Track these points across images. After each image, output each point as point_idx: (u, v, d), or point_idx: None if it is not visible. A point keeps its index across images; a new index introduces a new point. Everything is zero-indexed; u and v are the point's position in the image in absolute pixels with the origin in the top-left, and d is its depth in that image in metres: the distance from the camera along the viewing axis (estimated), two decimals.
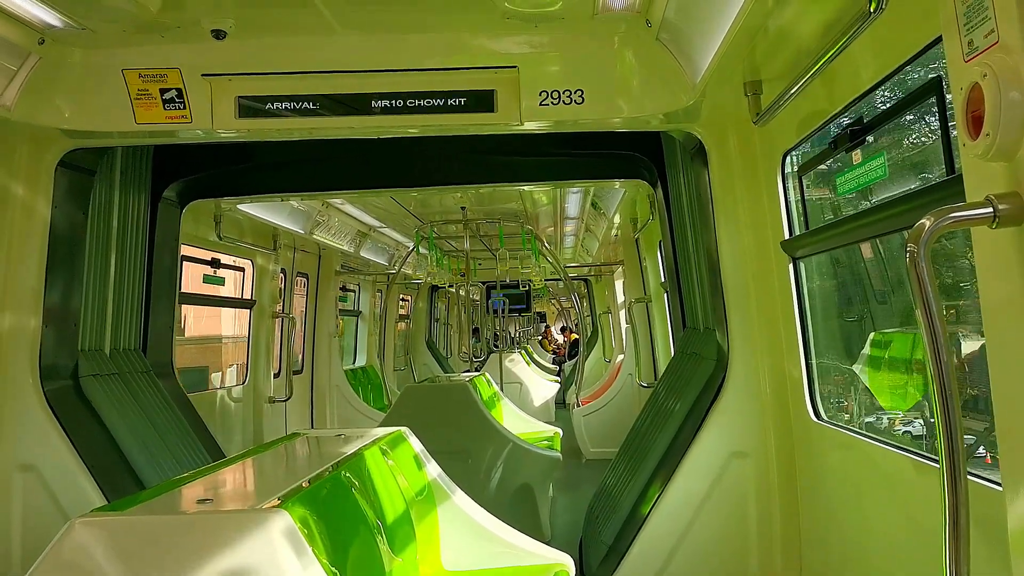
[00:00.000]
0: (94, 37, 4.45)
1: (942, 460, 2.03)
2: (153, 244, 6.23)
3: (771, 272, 4.86)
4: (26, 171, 5.00)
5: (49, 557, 2.85)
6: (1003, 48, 1.92)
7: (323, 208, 10.12)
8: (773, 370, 4.89)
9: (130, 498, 3.41)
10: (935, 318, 2.02)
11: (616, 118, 4.78)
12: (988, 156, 1.96)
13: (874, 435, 4.02)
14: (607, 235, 13.27)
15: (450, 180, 6.84)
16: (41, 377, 4.98)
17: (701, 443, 4.96)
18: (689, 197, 5.54)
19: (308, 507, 3.30)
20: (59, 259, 5.10)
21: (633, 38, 4.58)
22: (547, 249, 12.47)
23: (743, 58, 3.89)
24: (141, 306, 6.16)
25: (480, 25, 4.59)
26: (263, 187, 6.90)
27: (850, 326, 5.14)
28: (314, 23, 4.47)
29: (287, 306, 11.33)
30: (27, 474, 4.89)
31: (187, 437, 6.05)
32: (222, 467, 4.15)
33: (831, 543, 4.41)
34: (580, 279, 21.15)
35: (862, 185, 3.63)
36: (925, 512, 3.14)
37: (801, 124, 4.22)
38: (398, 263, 14.46)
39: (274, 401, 10.62)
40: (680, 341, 6.58)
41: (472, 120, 4.75)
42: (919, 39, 2.90)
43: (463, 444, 7.63)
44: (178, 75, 4.63)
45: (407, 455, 4.99)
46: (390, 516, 4.24)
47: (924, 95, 3.01)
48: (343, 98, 4.70)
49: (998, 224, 1.94)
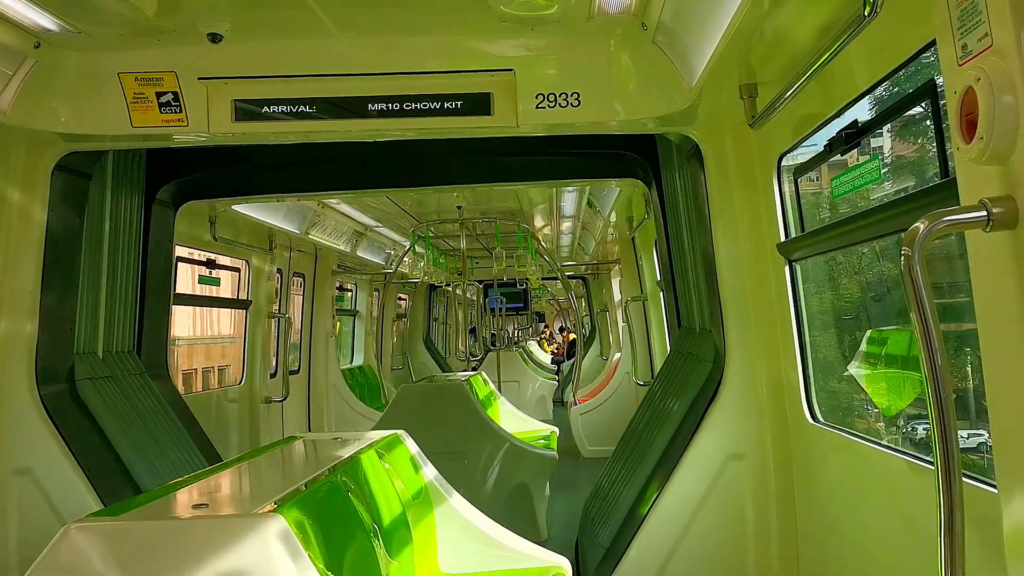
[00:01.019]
0: (90, 40, 4.43)
1: (937, 462, 2.03)
2: (147, 246, 6.22)
3: (767, 275, 4.86)
4: (22, 175, 4.98)
5: (44, 562, 2.85)
6: (997, 52, 1.92)
7: (319, 208, 10.09)
8: (770, 372, 4.89)
9: (125, 503, 3.41)
10: (930, 320, 2.02)
11: (612, 121, 4.77)
12: (982, 160, 1.96)
13: (874, 438, 4.02)
14: (603, 233, 13.28)
15: (447, 180, 6.82)
16: (37, 381, 4.97)
17: (698, 445, 4.96)
18: (685, 199, 5.54)
19: (304, 511, 3.30)
20: (55, 263, 5.09)
21: (629, 41, 4.58)
22: (543, 248, 12.48)
23: (739, 61, 3.89)
24: (135, 308, 6.14)
25: (476, 28, 4.58)
26: (258, 188, 6.88)
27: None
28: (310, 26, 4.46)
29: (283, 306, 11.31)
30: (23, 478, 4.89)
31: (182, 440, 6.04)
32: (217, 471, 4.15)
33: (828, 545, 4.41)
34: (577, 278, 21.17)
35: (858, 187, 3.63)
36: (922, 514, 3.14)
37: (797, 127, 4.22)
38: (395, 262, 14.46)
39: (270, 401, 10.60)
40: (676, 340, 6.58)
41: (469, 123, 4.74)
42: (913, 43, 2.90)
43: (460, 443, 7.65)
44: (174, 78, 4.62)
45: (404, 458, 4.99)
46: (387, 519, 4.24)
47: (918, 98, 3.01)
48: (339, 101, 4.69)
49: (992, 227, 1.95)
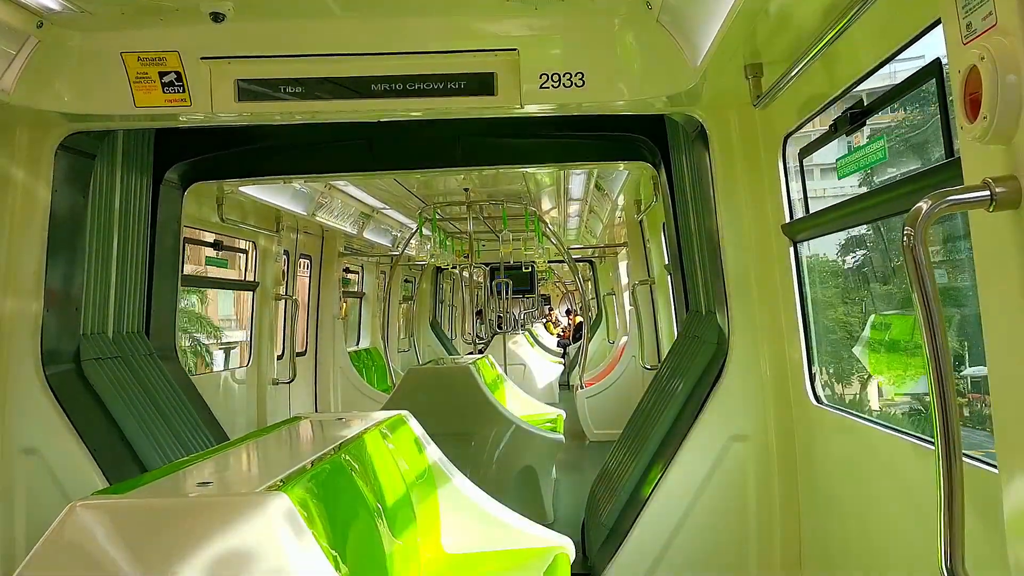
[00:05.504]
0: (93, 20, 4.43)
1: (937, 442, 2.03)
2: (155, 226, 6.23)
3: (772, 255, 4.85)
4: (26, 155, 4.99)
5: (49, 539, 2.87)
6: (1001, 31, 1.91)
7: (326, 190, 10.11)
8: (773, 353, 4.89)
9: (131, 481, 3.42)
10: (931, 301, 2.02)
11: (617, 101, 4.75)
12: (986, 139, 1.95)
13: (874, 419, 4.02)
14: (611, 217, 13.25)
15: (453, 162, 6.81)
16: (43, 361, 4.99)
17: (701, 426, 4.97)
18: (691, 180, 5.53)
19: (308, 490, 3.31)
20: (60, 243, 5.10)
21: (634, 20, 4.55)
22: (550, 230, 12.46)
23: (744, 41, 3.86)
24: (144, 289, 6.17)
25: (480, 7, 4.57)
26: (265, 169, 6.89)
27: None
28: (313, 6, 4.45)
29: (290, 288, 11.34)
30: (29, 457, 4.92)
31: (190, 420, 6.07)
32: (223, 450, 4.17)
33: (830, 525, 4.42)
34: (584, 261, 21.16)
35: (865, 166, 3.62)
36: (923, 494, 3.14)
37: (802, 107, 4.20)
38: (401, 245, 14.46)
39: (278, 383, 10.65)
40: (683, 324, 6.58)
41: (472, 103, 4.73)
42: (918, 22, 2.88)
43: (466, 426, 7.67)
44: (177, 58, 4.61)
45: (407, 438, 5.01)
46: (390, 499, 4.25)
47: (924, 78, 2.99)
48: (343, 81, 4.68)
49: (995, 207, 1.94)
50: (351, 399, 12.61)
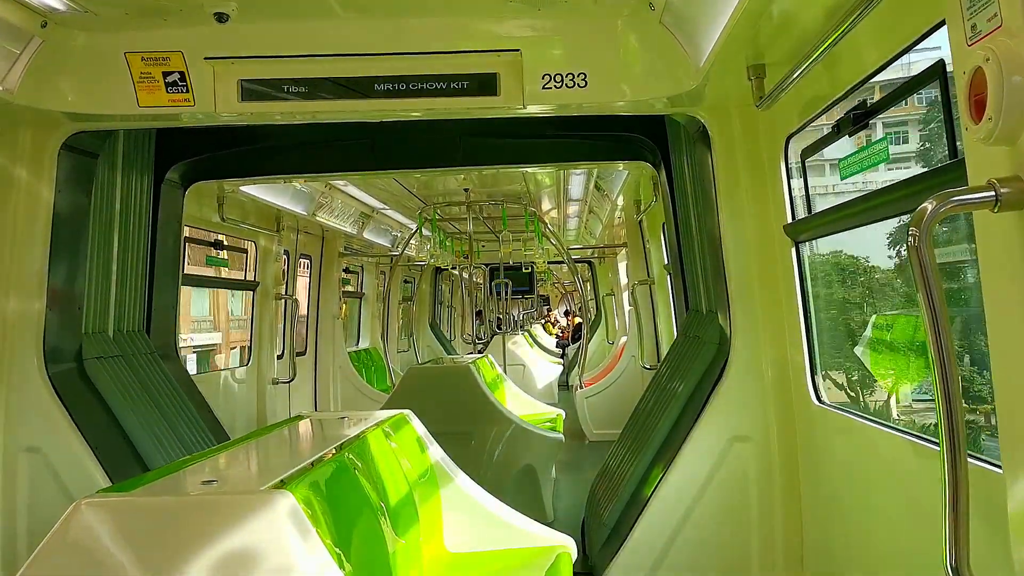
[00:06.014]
0: (96, 20, 4.43)
1: (942, 443, 2.04)
2: (156, 226, 6.24)
3: (774, 256, 4.85)
4: (29, 154, 4.99)
5: (54, 538, 2.87)
6: (1006, 32, 1.92)
7: (326, 190, 10.11)
8: (775, 354, 4.89)
9: (135, 479, 3.43)
10: (936, 302, 2.03)
11: (619, 102, 4.76)
12: (990, 140, 1.96)
13: (878, 420, 4.03)
14: (611, 217, 13.25)
15: (455, 162, 6.81)
16: (45, 360, 5.00)
17: (703, 427, 4.97)
18: (692, 180, 5.53)
19: (312, 489, 3.32)
20: (63, 242, 5.10)
21: (636, 21, 4.56)
22: (550, 231, 12.46)
23: (747, 42, 3.87)
24: (145, 288, 6.17)
25: (482, 8, 4.58)
26: (266, 169, 6.89)
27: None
28: (316, 6, 4.45)
29: (291, 288, 11.35)
30: (32, 456, 4.92)
31: (191, 418, 6.08)
32: (226, 449, 4.17)
33: (832, 526, 4.42)
34: (583, 261, 21.14)
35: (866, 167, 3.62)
36: (926, 495, 3.15)
37: (804, 108, 4.20)
38: (401, 245, 14.46)
39: (277, 382, 10.65)
40: (683, 324, 6.58)
41: (475, 104, 4.73)
42: (922, 23, 2.89)
43: (466, 426, 7.67)
44: (180, 58, 4.62)
45: (410, 438, 5.01)
46: (393, 498, 4.26)
47: (927, 79, 3.00)
48: (345, 81, 4.69)
49: (1000, 208, 1.95)
50: (351, 399, 12.62)
